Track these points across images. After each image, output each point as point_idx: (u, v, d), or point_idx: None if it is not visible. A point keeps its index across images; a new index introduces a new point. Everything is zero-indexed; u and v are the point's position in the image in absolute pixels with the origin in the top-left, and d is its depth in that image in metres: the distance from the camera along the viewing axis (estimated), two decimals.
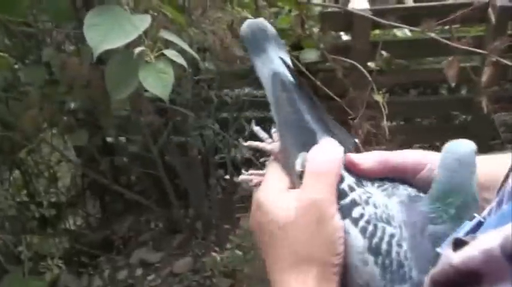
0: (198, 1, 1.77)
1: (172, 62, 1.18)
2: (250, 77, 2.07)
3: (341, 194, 0.52)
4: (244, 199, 2.40)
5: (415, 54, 2.57)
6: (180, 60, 1.21)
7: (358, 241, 0.50)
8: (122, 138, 2.54)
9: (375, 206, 0.51)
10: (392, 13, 2.29)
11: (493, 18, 2.07)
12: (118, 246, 2.62)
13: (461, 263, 0.32)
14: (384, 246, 0.49)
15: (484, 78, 2.02)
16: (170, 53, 1.20)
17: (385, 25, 2.36)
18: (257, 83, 0.63)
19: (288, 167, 0.57)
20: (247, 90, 2.15)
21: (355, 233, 0.50)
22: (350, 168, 0.55)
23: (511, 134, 2.69)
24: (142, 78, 1.16)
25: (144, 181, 2.70)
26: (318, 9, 2.44)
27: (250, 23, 0.63)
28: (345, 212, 0.51)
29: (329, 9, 2.46)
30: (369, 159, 0.56)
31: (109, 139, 2.58)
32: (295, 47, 2.42)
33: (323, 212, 0.51)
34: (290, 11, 2.48)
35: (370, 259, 0.49)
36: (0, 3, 1.40)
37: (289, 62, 0.62)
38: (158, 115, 2.19)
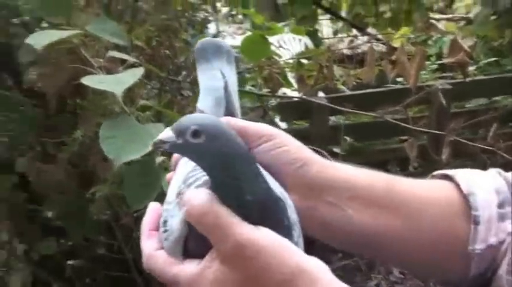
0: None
1: None
2: None
3: None
4: None
5: (372, 136, 2.71)
6: None
7: None
8: None
9: None
10: (349, 100, 2.43)
11: (442, 100, 2.24)
12: None
13: None
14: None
15: (444, 156, 2.16)
16: None
17: (342, 111, 2.51)
18: None
19: None
20: None
21: None
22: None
23: None
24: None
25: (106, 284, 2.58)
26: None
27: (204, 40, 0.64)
28: None
29: (286, 100, 2.57)
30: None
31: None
32: None
33: None
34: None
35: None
36: None
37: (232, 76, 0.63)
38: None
